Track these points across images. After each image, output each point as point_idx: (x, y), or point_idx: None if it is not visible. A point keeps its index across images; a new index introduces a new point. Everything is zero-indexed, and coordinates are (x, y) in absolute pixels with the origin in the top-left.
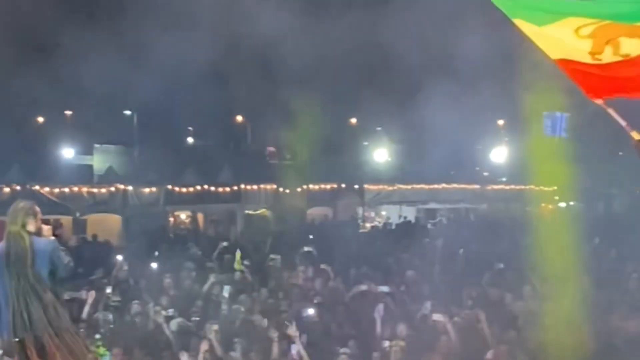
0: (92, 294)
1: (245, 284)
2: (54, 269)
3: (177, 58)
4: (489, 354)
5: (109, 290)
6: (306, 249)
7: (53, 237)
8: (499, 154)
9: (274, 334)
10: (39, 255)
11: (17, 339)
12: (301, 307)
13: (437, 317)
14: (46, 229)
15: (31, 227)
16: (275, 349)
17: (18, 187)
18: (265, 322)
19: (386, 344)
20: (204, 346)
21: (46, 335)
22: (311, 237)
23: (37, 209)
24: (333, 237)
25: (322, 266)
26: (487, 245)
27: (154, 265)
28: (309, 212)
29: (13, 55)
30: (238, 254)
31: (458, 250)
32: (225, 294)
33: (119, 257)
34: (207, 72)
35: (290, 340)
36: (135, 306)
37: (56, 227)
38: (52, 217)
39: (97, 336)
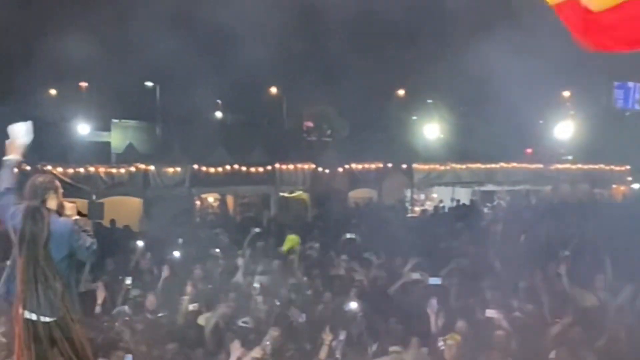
0: (101, 287)
1: (281, 274)
2: (72, 252)
3: (204, 23)
4: (552, 354)
5: (128, 281)
6: (348, 235)
7: (77, 217)
8: (564, 130)
9: (328, 337)
10: (55, 236)
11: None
12: (343, 300)
13: (491, 313)
14: (69, 207)
15: (52, 203)
16: (323, 353)
17: (28, 167)
18: (303, 317)
19: (440, 339)
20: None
21: (53, 324)
22: (354, 222)
23: (58, 183)
24: (378, 223)
25: (366, 255)
26: (551, 231)
27: (178, 253)
28: (351, 195)
29: (24, 20)
30: (293, 237)
31: (519, 237)
32: (257, 285)
33: (140, 244)
34: (238, 38)
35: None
36: (156, 299)
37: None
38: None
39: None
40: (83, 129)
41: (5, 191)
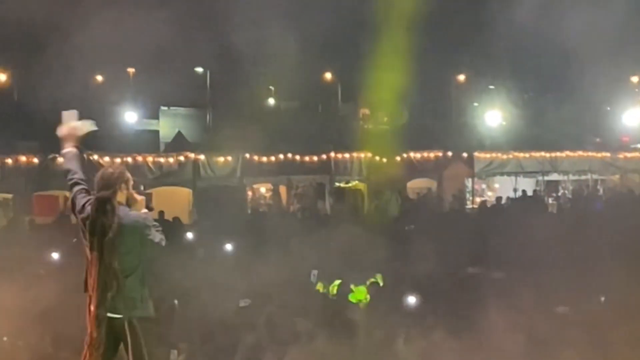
0: None
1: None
2: (142, 247)
3: (255, 7)
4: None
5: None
6: (406, 227)
7: (146, 211)
8: (633, 116)
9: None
10: (126, 230)
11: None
12: (401, 295)
13: (562, 309)
14: (140, 199)
15: (122, 195)
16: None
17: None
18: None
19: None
20: None
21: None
22: (412, 214)
23: (129, 175)
24: (437, 214)
25: (424, 247)
26: (620, 224)
27: (230, 246)
28: (409, 185)
29: (70, 3)
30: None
31: (586, 230)
32: (313, 279)
33: (190, 237)
34: (291, 21)
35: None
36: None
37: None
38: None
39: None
40: (131, 116)
41: (73, 184)
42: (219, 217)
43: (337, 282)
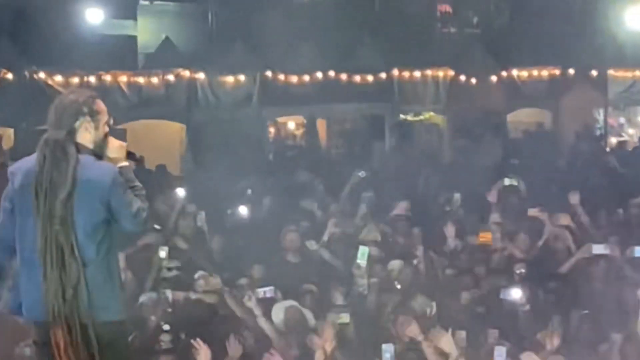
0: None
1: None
2: (110, 218)
3: None
4: None
5: (163, 253)
6: (507, 181)
7: (124, 163)
8: None
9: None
10: (86, 189)
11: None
12: (496, 284)
13: None
14: (116, 145)
15: (85, 136)
16: None
17: (9, 75)
18: (434, 308)
19: None
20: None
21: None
22: (515, 161)
23: (102, 105)
24: (553, 162)
25: (532, 212)
26: None
27: (244, 209)
28: (511, 118)
29: None
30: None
31: None
32: (362, 260)
33: (180, 194)
34: None
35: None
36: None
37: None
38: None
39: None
40: (95, 15)
41: None
42: (225, 166)
43: None
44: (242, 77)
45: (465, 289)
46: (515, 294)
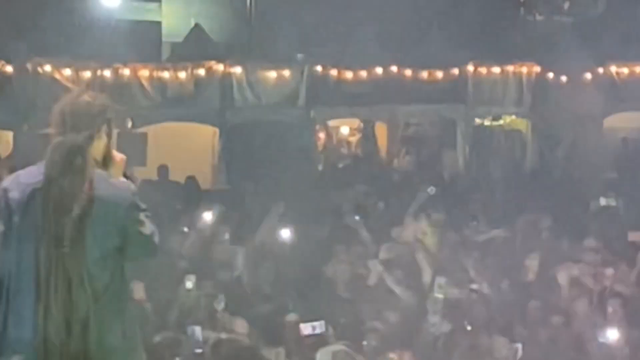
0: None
1: None
2: (124, 244)
3: None
4: None
5: (189, 283)
6: (603, 202)
7: (124, 179)
8: None
9: None
10: (98, 209)
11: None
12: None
13: None
14: (118, 159)
15: (99, 145)
16: None
17: (8, 68)
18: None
19: None
20: None
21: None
22: (613, 175)
23: (113, 112)
24: None
25: (634, 236)
26: None
27: (286, 230)
28: (608, 123)
29: None
30: None
31: None
32: (439, 294)
33: (214, 214)
34: None
35: None
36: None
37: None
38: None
39: None
40: None
41: None
42: (266, 177)
43: None
44: (286, 72)
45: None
46: (612, 335)
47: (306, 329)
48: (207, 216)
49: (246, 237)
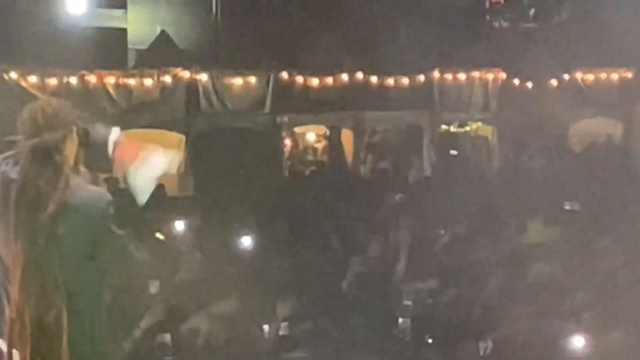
0: None
1: None
2: (96, 250)
3: None
4: None
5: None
6: (568, 206)
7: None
8: None
9: None
10: (76, 216)
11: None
12: None
13: None
14: (83, 171)
15: (70, 148)
16: None
17: None
18: None
19: None
20: None
21: None
22: (578, 181)
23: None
24: (624, 183)
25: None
26: None
27: (248, 240)
28: (574, 130)
29: None
30: None
31: None
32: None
33: (181, 222)
34: None
35: None
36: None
37: None
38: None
39: None
40: (76, 4)
41: None
42: (233, 184)
43: None
44: (252, 79)
45: None
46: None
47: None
48: (174, 224)
49: (212, 243)
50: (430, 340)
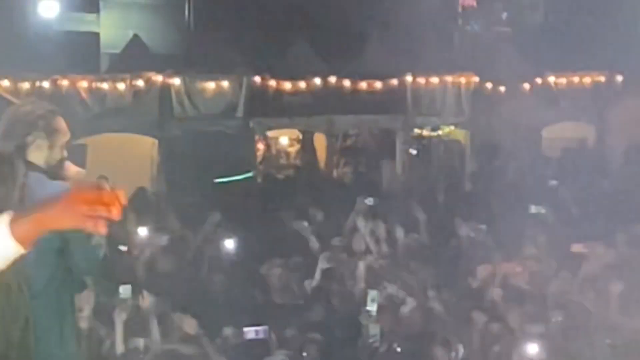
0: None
1: None
2: (63, 256)
3: None
4: None
5: (125, 292)
6: (534, 209)
7: None
8: None
9: None
10: None
11: None
12: None
13: None
14: (74, 172)
15: (37, 154)
16: None
17: None
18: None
19: None
20: None
21: None
22: (552, 184)
23: (62, 124)
24: (597, 187)
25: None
26: None
27: (230, 242)
28: (546, 133)
29: None
30: None
31: None
32: (372, 307)
33: (152, 226)
34: None
35: None
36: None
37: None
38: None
39: None
40: (48, 8)
41: None
42: (206, 188)
43: None
44: (225, 83)
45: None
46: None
47: (249, 333)
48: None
49: (185, 247)
50: (399, 349)
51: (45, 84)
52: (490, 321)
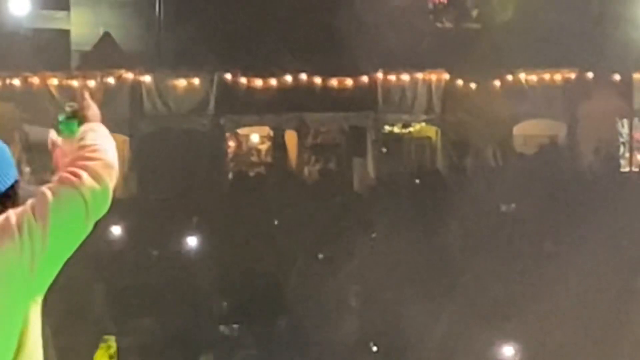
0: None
1: None
2: None
3: None
4: None
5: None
6: (504, 208)
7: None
8: None
9: None
10: None
11: None
12: None
13: None
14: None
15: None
16: None
17: None
18: None
19: None
20: None
21: None
22: (520, 183)
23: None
24: (566, 183)
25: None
26: None
27: (194, 241)
28: (517, 130)
29: None
30: None
31: None
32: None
33: (122, 225)
34: None
35: None
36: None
37: None
38: None
39: None
40: (19, 5)
41: None
42: (176, 186)
43: None
44: (196, 81)
45: None
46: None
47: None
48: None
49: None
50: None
51: (16, 82)
52: None
